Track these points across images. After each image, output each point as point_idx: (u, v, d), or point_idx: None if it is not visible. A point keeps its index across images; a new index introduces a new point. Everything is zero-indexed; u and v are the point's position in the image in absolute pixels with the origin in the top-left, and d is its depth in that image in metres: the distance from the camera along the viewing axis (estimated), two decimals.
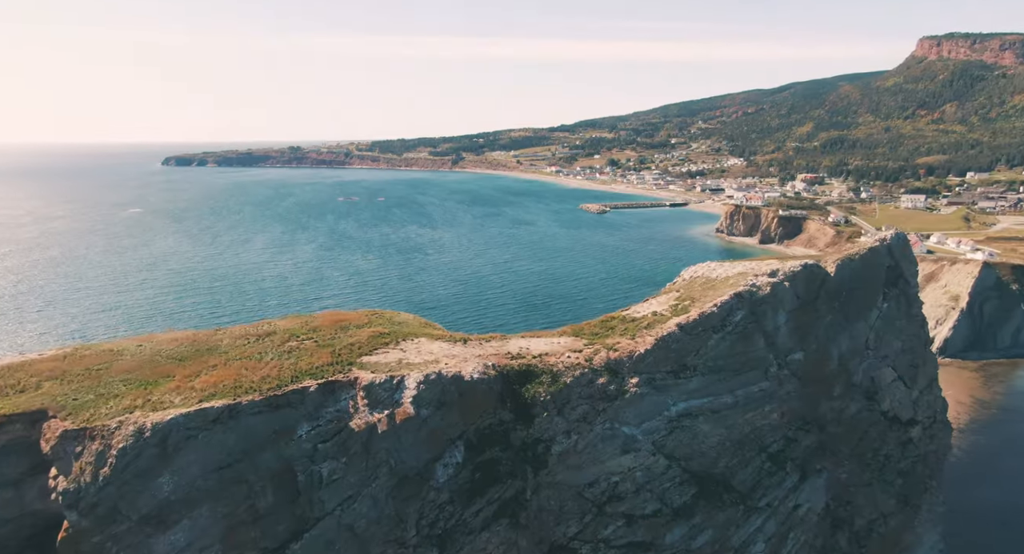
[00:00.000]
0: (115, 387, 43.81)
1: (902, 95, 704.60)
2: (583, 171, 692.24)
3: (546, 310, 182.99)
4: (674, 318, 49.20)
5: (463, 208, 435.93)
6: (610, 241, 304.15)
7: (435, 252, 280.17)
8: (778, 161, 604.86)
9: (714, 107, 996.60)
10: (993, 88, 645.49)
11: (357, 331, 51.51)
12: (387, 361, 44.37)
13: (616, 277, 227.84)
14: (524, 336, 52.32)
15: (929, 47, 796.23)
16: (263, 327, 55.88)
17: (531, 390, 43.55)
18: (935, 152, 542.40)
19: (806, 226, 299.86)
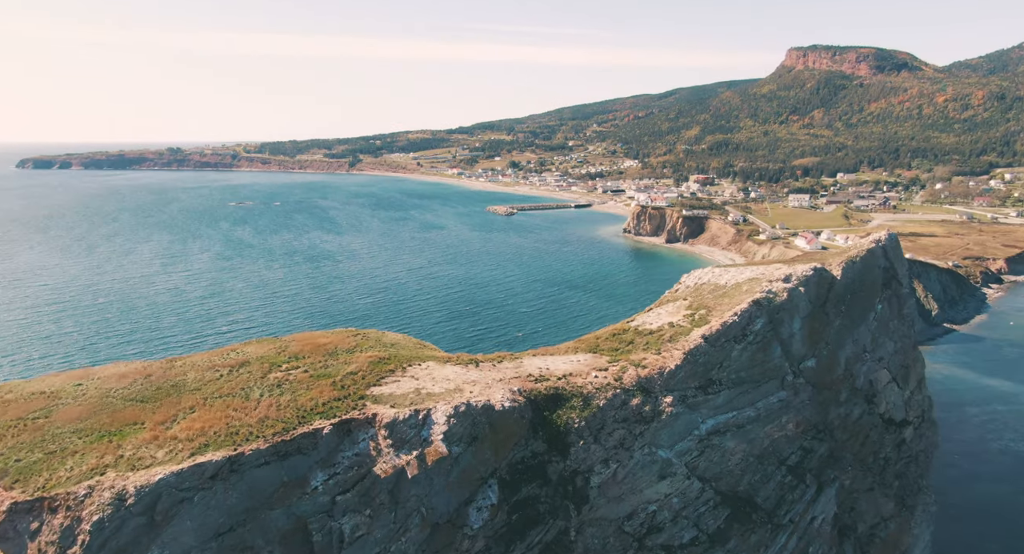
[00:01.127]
0: (68, 441, 35.58)
1: (776, 101, 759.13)
2: (485, 173, 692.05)
3: (475, 318, 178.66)
4: (696, 329, 47.09)
5: (368, 212, 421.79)
6: (525, 244, 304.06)
7: (346, 259, 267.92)
8: (671, 163, 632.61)
9: (607, 111, 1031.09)
10: (853, 96, 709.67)
11: (350, 357, 45.40)
12: (402, 392, 38.96)
13: (538, 280, 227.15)
14: (536, 354, 48.33)
15: (797, 58, 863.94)
16: (231, 356, 48.25)
17: (562, 416, 39.72)
18: (808, 154, 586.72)
19: (708, 225, 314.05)
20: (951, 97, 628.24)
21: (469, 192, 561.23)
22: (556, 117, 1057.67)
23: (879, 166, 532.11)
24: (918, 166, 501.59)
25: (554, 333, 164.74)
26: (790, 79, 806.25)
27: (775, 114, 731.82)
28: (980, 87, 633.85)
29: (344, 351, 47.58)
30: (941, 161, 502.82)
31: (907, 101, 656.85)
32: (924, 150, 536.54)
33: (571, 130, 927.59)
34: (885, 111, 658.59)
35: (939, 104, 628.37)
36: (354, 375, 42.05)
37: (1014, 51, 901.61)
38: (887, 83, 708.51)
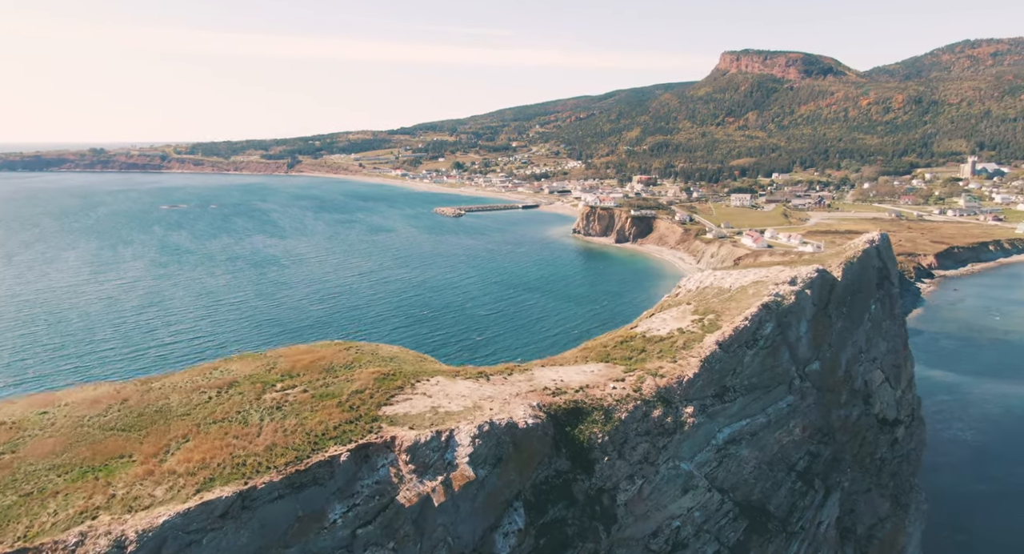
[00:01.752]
0: (46, 480, 31.43)
1: (713, 104, 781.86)
2: (429, 174, 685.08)
3: (434, 322, 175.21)
4: (708, 335, 46.25)
5: (312, 215, 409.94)
6: (477, 245, 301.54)
7: (292, 264, 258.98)
8: (614, 163, 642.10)
9: (548, 112, 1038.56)
10: (784, 99, 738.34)
11: (350, 373, 42.28)
12: (418, 411, 36.31)
13: (494, 283, 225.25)
14: (545, 365, 46.36)
15: (730, 61, 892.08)
16: (215, 375, 44.28)
17: (584, 431, 37.93)
18: (744, 155, 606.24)
19: (656, 225, 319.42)
20: (874, 101, 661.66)
21: (414, 193, 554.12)
22: (498, 118, 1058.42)
23: (811, 166, 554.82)
24: (847, 166, 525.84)
25: (516, 336, 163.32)
26: (725, 82, 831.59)
27: (712, 116, 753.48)
28: (899, 91, 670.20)
29: (342, 367, 44.43)
30: (867, 161, 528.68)
31: (834, 104, 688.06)
32: (851, 151, 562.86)
33: (514, 131, 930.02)
34: (814, 113, 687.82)
35: (863, 107, 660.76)
36: (360, 394, 39.08)
37: (926, 58, 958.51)
38: (815, 87, 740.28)
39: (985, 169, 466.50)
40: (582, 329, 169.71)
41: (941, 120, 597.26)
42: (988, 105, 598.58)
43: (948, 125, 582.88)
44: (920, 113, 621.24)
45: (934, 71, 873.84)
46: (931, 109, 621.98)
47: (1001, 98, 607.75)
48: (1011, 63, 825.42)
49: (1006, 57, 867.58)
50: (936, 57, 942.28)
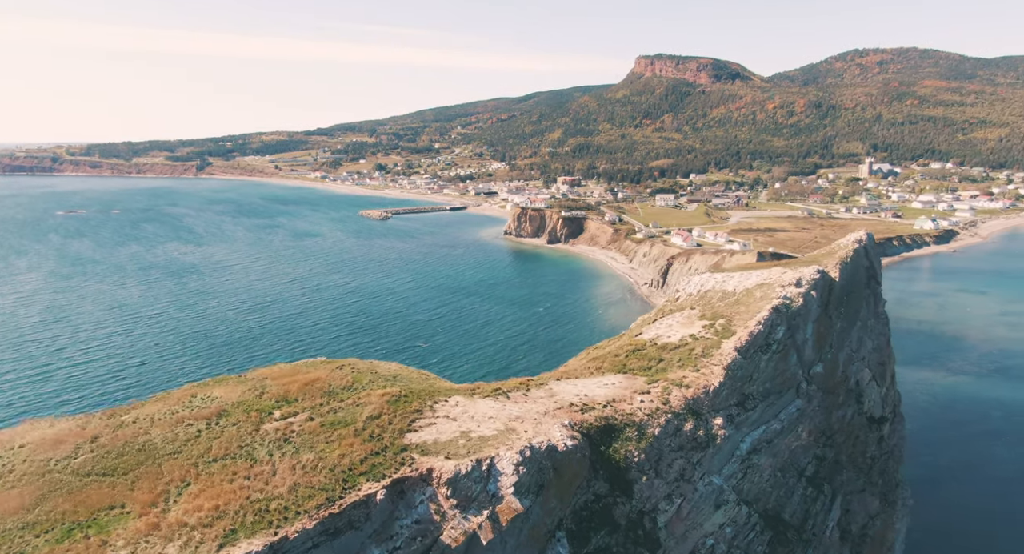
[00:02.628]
0: (22, 542, 26.24)
1: (630, 106, 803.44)
2: (351, 176, 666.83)
3: (376, 331, 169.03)
4: (725, 341, 45.30)
5: (230, 220, 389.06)
6: (410, 249, 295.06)
7: (213, 272, 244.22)
8: (537, 165, 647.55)
9: (469, 113, 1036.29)
10: (697, 102, 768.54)
11: (356, 396, 38.41)
12: (448, 437, 33.15)
13: (432, 287, 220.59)
14: (559, 378, 43.94)
15: (645, 65, 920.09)
16: (196, 403, 39.26)
17: (620, 450, 35.87)
18: (662, 156, 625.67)
19: (587, 225, 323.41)
20: (778, 105, 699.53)
21: (337, 196, 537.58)
22: (419, 119, 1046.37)
23: (725, 167, 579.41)
24: (758, 167, 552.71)
25: (465, 342, 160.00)
26: (641, 85, 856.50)
27: (630, 118, 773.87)
28: (801, 96, 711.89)
29: (342, 389, 40.50)
30: (776, 162, 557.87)
31: (743, 108, 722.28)
32: (760, 152, 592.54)
33: (435, 132, 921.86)
34: (725, 116, 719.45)
35: (769, 111, 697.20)
36: (377, 420, 35.47)
37: (822, 65, 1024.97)
38: (725, 91, 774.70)
39: (880, 169, 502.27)
40: (531, 333, 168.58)
41: (839, 123, 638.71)
42: (879, 110, 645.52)
43: (845, 128, 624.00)
44: (820, 117, 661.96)
45: (829, 77, 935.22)
46: (830, 113, 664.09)
47: (890, 103, 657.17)
48: (895, 71, 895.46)
49: (890, 65, 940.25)
50: (830, 64, 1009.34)
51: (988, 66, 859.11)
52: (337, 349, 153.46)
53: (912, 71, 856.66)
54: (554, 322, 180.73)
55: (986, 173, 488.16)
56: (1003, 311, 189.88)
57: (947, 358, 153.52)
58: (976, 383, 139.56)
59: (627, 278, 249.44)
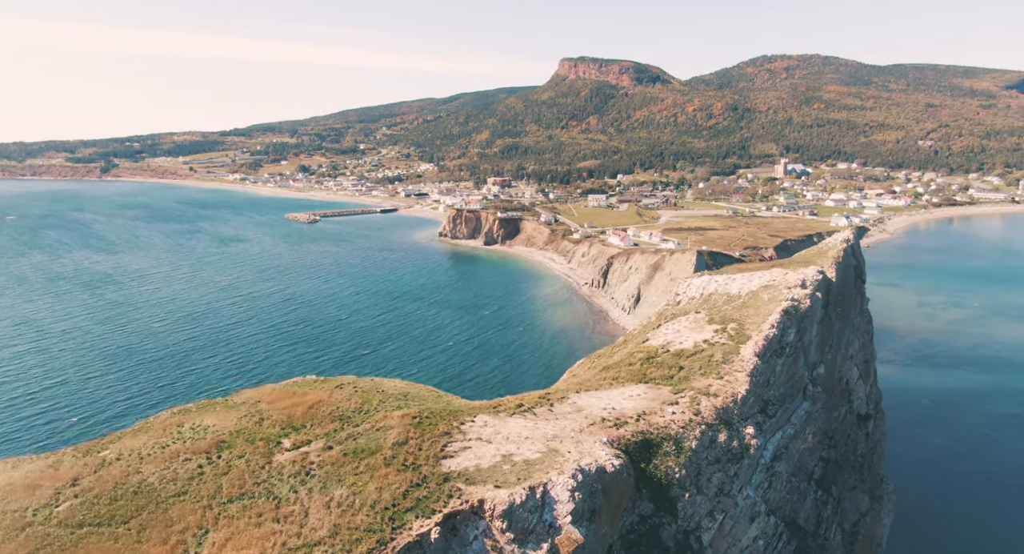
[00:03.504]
0: None
1: (556, 108, 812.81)
2: (273, 178, 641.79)
3: (324, 341, 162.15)
4: (742, 346, 44.82)
5: (145, 225, 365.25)
6: (343, 253, 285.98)
7: (132, 282, 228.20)
8: (466, 166, 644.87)
9: (394, 114, 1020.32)
10: (621, 105, 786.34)
11: (369, 418, 35.24)
12: (489, 463, 30.74)
13: (371, 292, 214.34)
14: (579, 391, 42.12)
15: (569, 68, 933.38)
16: (188, 435, 34.97)
17: (660, 466, 34.52)
18: (590, 157, 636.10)
19: (523, 226, 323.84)
20: (698, 107, 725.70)
21: (260, 199, 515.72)
22: (342, 119, 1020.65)
23: (650, 167, 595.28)
24: (681, 167, 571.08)
25: (415, 349, 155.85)
26: (566, 87, 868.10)
27: (556, 120, 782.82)
28: (719, 99, 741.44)
29: (354, 412, 37.31)
30: (698, 163, 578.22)
31: (664, 110, 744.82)
32: (683, 153, 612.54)
33: (360, 133, 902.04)
34: (648, 118, 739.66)
35: (689, 113, 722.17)
36: (405, 446, 32.66)
37: (735, 69, 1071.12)
38: (647, 94, 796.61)
39: (794, 169, 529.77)
40: (482, 337, 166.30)
41: (754, 126, 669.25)
42: (790, 113, 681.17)
43: (760, 130, 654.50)
44: (737, 119, 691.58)
45: (741, 82, 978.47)
46: (745, 116, 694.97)
47: (799, 107, 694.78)
48: (801, 76, 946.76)
49: (796, 71, 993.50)
50: (742, 69, 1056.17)
51: (882, 73, 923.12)
52: (280, 361, 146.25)
53: (816, 77, 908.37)
54: (502, 325, 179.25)
55: (887, 173, 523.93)
56: (919, 303, 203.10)
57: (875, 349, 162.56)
58: (903, 372, 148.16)
59: (567, 278, 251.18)
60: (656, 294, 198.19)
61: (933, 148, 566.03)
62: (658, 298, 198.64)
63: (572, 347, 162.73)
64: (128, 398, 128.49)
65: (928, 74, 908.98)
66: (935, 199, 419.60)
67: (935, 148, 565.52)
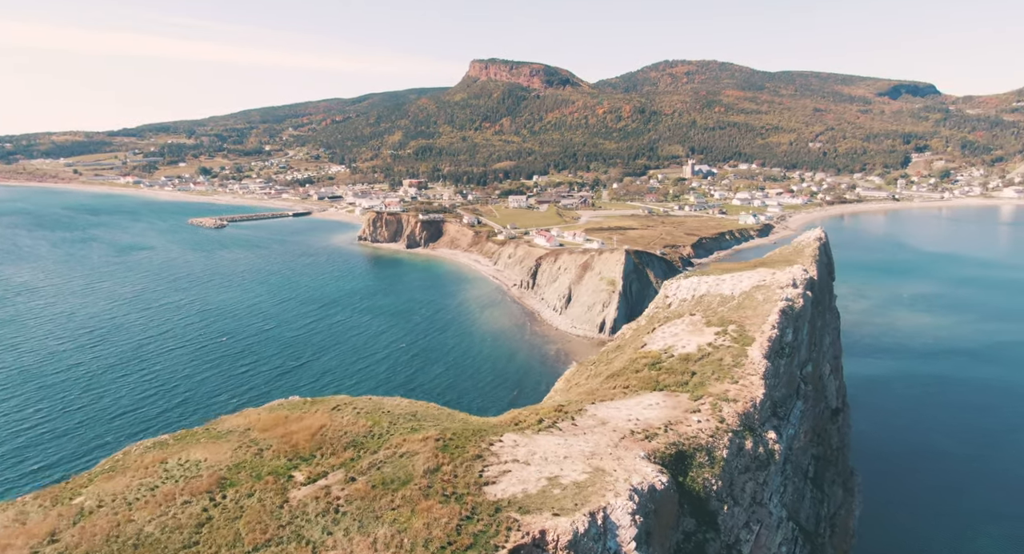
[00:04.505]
0: None
1: (469, 109, 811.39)
2: (171, 181, 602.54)
3: (252, 356, 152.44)
4: (749, 348, 44.53)
5: (26, 233, 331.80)
6: (258, 260, 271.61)
7: (18, 297, 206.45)
8: (380, 168, 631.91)
9: (300, 114, 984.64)
10: (533, 106, 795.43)
11: (385, 443, 32.04)
12: (537, 487, 28.51)
13: (292, 300, 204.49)
14: (592, 401, 40.35)
15: (480, 69, 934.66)
16: (177, 473, 30.45)
17: (697, 479, 33.37)
18: (504, 159, 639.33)
19: (446, 228, 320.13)
20: (607, 110, 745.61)
21: (158, 203, 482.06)
22: (244, 119, 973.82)
23: (564, 168, 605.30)
24: (595, 169, 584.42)
25: (352, 359, 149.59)
26: (478, 89, 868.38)
27: (469, 121, 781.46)
28: (627, 102, 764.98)
29: (367, 437, 34.05)
30: (610, 164, 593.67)
31: (575, 112, 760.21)
32: (595, 154, 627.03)
33: (264, 134, 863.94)
34: (560, 120, 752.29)
35: (600, 115, 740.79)
36: (438, 473, 29.98)
37: (639, 73, 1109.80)
38: (558, 96, 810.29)
39: (701, 170, 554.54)
40: (421, 343, 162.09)
41: (661, 128, 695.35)
42: (694, 116, 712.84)
43: (667, 132, 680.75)
44: (644, 121, 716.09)
45: (646, 85, 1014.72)
46: (652, 118, 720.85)
47: (702, 110, 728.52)
48: (700, 81, 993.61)
49: (696, 76, 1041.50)
50: (646, 73, 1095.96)
51: (773, 79, 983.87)
52: (205, 377, 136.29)
53: (714, 81, 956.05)
54: (437, 330, 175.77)
55: (784, 173, 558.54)
56: None
57: None
58: None
59: (495, 280, 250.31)
60: (587, 294, 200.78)
61: (822, 149, 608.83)
62: (589, 298, 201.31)
63: (512, 349, 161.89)
64: (30, 427, 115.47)
65: (812, 81, 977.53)
66: (828, 197, 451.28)
67: (824, 149, 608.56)
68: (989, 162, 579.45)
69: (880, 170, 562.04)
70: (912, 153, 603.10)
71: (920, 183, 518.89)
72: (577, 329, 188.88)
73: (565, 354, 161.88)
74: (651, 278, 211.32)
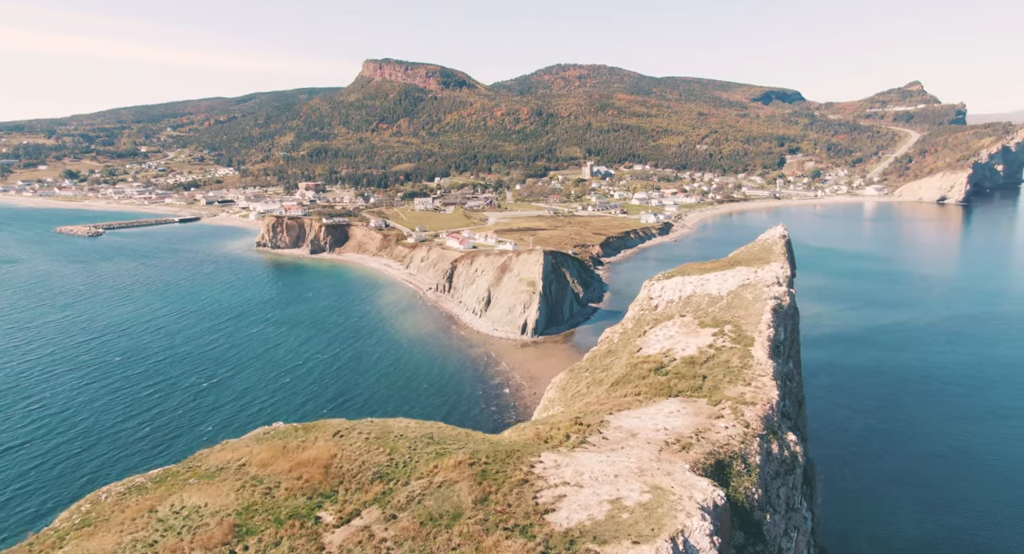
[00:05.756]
0: None
1: (365, 110, 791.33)
2: (30, 185, 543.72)
3: (158, 376, 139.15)
4: (752, 349, 44.40)
5: None
6: (149, 271, 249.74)
7: None
8: (272, 170, 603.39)
9: (179, 113, 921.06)
10: (431, 108, 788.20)
11: (415, 473, 29.09)
12: (601, 513, 26.45)
13: (193, 313, 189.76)
14: (613, 412, 38.68)
15: (374, 69, 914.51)
16: (180, 523, 25.99)
17: (740, 488, 32.44)
18: (404, 161, 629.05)
19: (352, 232, 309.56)
20: (506, 112, 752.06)
21: (18, 211, 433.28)
22: (114, 118, 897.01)
23: (465, 170, 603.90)
24: (497, 170, 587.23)
25: (273, 374, 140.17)
26: (373, 89, 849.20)
27: (365, 122, 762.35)
28: (524, 104, 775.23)
29: (389, 466, 30.89)
30: (511, 166, 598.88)
31: (474, 114, 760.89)
32: (496, 156, 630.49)
33: (139, 134, 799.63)
34: (459, 122, 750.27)
35: (498, 117, 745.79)
36: (487, 503, 27.54)
37: (534, 76, 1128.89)
38: (455, 98, 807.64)
39: (599, 171, 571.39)
40: (347, 354, 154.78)
41: (558, 130, 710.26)
42: (589, 118, 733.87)
43: (564, 134, 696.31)
44: (542, 124, 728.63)
45: (540, 88, 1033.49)
46: (550, 121, 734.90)
47: (596, 113, 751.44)
48: (592, 85, 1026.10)
49: (588, 79, 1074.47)
50: (540, 77, 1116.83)
51: (659, 84, 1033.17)
52: (104, 403, 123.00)
53: (605, 85, 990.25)
54: (358, 338, 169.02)
55: (675, 174, 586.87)
56: None
57: None
58: None
59: (409, 284, 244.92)
60: (507, 295, 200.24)
61: (708, 151, 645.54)
62: (509, 299, 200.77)
63: (438, 354, 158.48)
64: None
65: (695, 86, 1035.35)
66: (718, 196, 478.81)
67: (710, 151, 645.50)
68: (851, 163, 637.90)
69: (760, 170, 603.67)
70: (786, 154, 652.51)
71: (796, 182, 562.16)
72: (499, 331, 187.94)
73: (493, 357, 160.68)
74: (568, 278, 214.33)
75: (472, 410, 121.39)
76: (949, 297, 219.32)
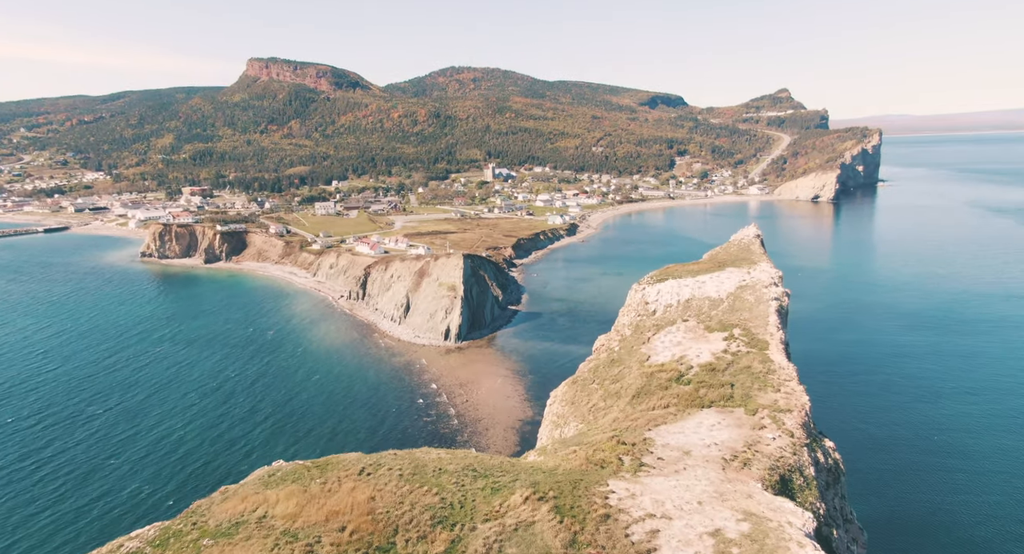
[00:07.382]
0: None
1: (252, 111, 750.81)
2: None
3: (39, 403, 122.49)
4: (769, 353, 43.14)
5: None
6: (15, 287, 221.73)
7: None
8: (150, 174, 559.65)
9: (35, 113, 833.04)
10: (324, 109, 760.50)
11: (483, 514, 25.36)
12: (708, 548, 24.04)
13: (86, 333, 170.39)
14: (649, 427, 35.79)
15: (260, 68, 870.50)
16: None
17: (805, 504, 30.15)
18: (298, 164, 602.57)
19: (251, 239, 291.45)
20: (403, 114, 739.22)
21: None
22: None
23: (364, 173, 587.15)
24: (397, 173, 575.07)
25: (186, 398, 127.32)
26: (260, 89, 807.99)
27: (253, 123, 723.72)
28: (421, 107, 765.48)
29: (445, 507, 27.09)
30: (412, 168, 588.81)
31: (370, 116, 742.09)
32: (394, 159, 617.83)
33: None
34: (354, 124, 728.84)
35: (395, 119, 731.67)
36: (577, 545, 24.54)
37: (428, 78, 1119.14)
38: (349, 99, 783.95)
39: (501, 173, 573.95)
40: (263, 371, 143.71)
41: (457, 132, 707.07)
42: (487, 121, 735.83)
43: (463, 137, 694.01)
44: (440, 126, 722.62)
45: (435, 90, 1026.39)
46: (448, 123, 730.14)
47: (494, 116, 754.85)
48: (487, 88, 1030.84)
49: (483, 82, 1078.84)
50: (435, 79, 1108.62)
51: (552, 88, 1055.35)
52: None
53: (500, 88, 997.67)
54: (272, 352, 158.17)
55: (574, 175, 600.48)
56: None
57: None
58: None
59: (318, 292, 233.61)
60: (427, 301, 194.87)
61: (604, 153, 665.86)
62: (430, 305, 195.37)
63: (363, 365, 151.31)
64: None
65: (586, 91, 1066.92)
66: (618, 197, 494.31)
67: (605, 153, 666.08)
68: (733, 164, 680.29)
69: (653, 172, 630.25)
70: (676, 156, 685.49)
71: (687, 183, 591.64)
72: (421, 338, 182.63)
73: (419, 365, 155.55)
74: (488, 281, 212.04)
75: (414, 421, 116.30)
76: (832, 286, 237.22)
